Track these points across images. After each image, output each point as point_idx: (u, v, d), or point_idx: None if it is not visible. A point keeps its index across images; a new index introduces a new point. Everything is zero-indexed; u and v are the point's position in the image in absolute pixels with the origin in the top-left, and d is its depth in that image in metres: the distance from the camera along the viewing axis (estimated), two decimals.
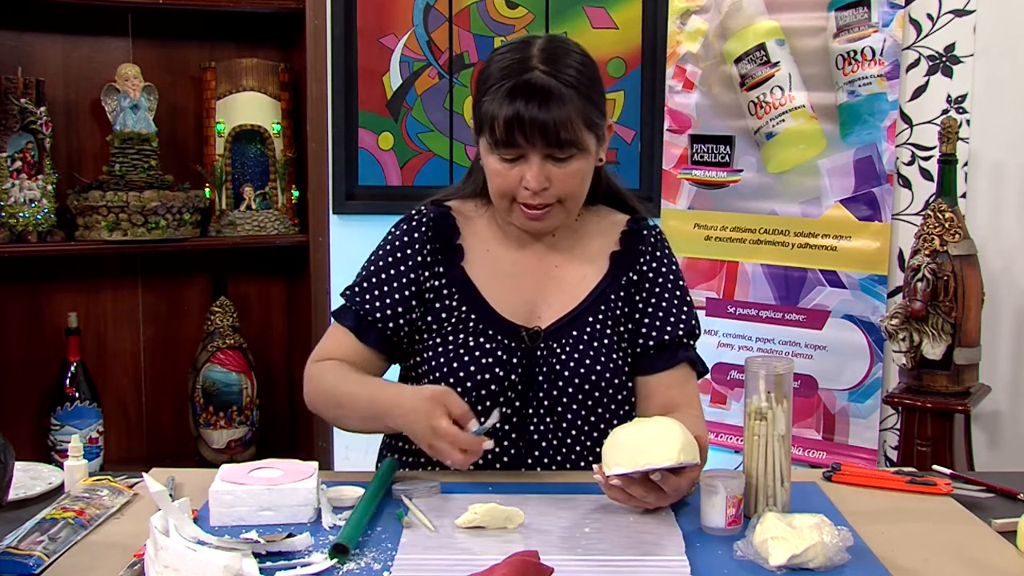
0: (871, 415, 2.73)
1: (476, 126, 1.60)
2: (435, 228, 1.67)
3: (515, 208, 1.59)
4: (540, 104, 1.50)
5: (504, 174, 1.56)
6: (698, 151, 2.93)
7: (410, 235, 1.67)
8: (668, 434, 1.37)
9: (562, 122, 1.51)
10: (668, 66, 2.95)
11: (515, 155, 1.54)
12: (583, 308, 1.65)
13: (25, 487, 1.55)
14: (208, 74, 2.79)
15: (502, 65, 1.55)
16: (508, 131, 1.51)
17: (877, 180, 2.69)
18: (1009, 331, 2.67)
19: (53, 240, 2.62)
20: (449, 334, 1.62)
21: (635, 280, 1.67)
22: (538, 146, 1.52)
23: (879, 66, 2.66)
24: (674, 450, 1.34)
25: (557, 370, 1.61)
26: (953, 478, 1.59)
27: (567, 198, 1.58)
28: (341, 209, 3.04)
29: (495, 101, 1.52)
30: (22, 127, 2.57)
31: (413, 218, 1.70)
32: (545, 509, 1.42)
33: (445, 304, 1.64)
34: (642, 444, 1.36)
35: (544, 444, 1.61)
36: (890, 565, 1.27)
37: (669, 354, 1.66)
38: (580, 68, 1.56)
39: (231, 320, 2.82)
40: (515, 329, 1.62)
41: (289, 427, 3.00)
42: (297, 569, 1.23)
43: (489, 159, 1.57)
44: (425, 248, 1.66)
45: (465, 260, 1.66)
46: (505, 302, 1.64)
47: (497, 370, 1.59)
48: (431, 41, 3.10)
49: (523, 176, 1.54)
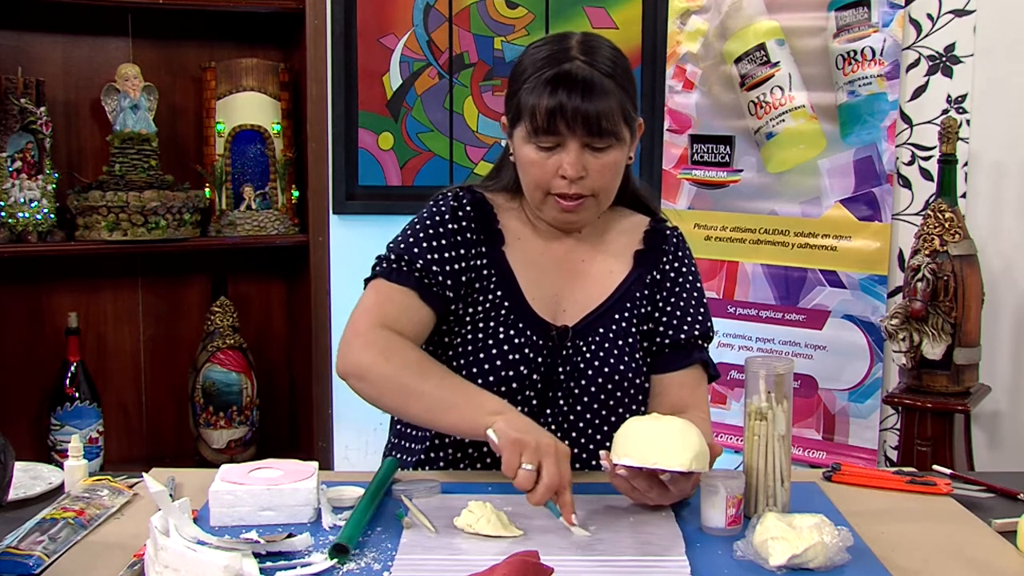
0: (871, 415, 2.73)
1: (512, 117, 1.59)
2: (477, 209, 1.65)
3: (548, 201, 1.59)
4: (583, 93, 1.51)
5: (541, 163, 1.56)
6: (698, 151, 2.93)
7: (454, 212, 1.64)
8: (686, 439, 1.36)
9: (604, 111, 1.52)
10: (668, 66, 2.95)
11: (553, 143, 1.54)
12: (609, 305, 1.65)
13: (25, 487, 1.55)
14: (208, 74, 2.79)
15: (540, 56, 1.56)
16: (550, 118, 1.52)
17: (877, 180, 2.69)
18: (1009, 331, 2.67)
19: (53, 240, 2.62)
20: (481, 320, 1.61)
21: (658, 279, 1.68)
22: (578, 134, 1.52)
23: (879, 66, 2.66)
24: (688, 457, 1.34)
25: (581, 368, 1.61)
26: (953, 478, 1.59)
27: (600, 191, 1.58)
28: (341, 209, 3.04)
29: (535, 90, 1.53)
30: (22, 127, 2.58)
31: (454, 197, 1.66)
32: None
33: (484, 286, 1.62)
34: (658, 442, 1.34)
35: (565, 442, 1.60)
36: (890, 565, 1.27)
37: (684, 354, 1.66)
38: (617, 61, 1.58)
39: (231, 320, 2.82)
40: (544, 325, 1.61)
41: (289, 427, 3.00)
42: (297, 569, 1.23)
43: (525, 149, 1.57)
44: (472, 226, 1.63)
45: (505, 245, 1.65)
46: (536, 292, 1.63)
47: (523, 368, 1.58)
48: (431, 41, 3.10)
49: (560, 166, 1.54)
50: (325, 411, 2.84)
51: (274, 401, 2.97)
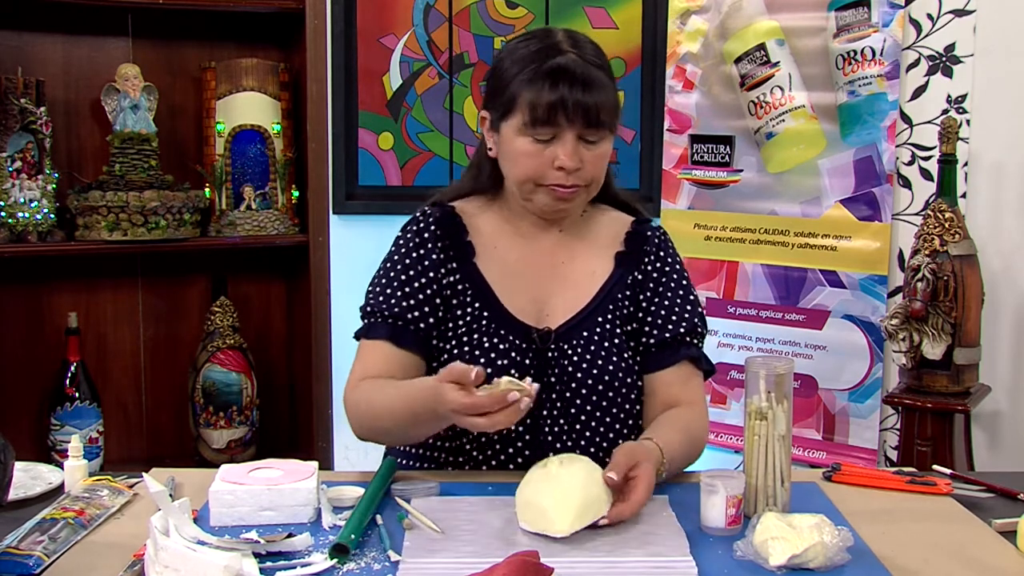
0: (871, 415, 2.73)
1: (500, 111, 1.59)
2: (443, 227, 1.67)
3: (539, 192, 1.59)
4: (583, 85, 1.53)
5: (537, 155, 1.56)
6: (698, 151, 2.93)
7: (421, 236, 1.66)
8: (568, 496, 1.32)
9: (601, 104, 1.54)
10: (668, 66, 2.95)
11: (550, 135, 1.55)
12: (592, 307, 1.65)
13: (25, 487, 1.55)
14: (208, 74, 2.79)
15: (530, 49, 1.57)
16: (551, 111, 1.52)
17: (877, 180, 2.69)
18: (1009, 331, 2.67)
19: (53, 240, 2.62)
20: (463, 334, 1.62)
21: (640, 279, 1.68)
22: (576, 125, 1.54)
23: (879, 66, 2.66)
24: (567, 520, 1.30)
25: (569, 371, 1.61)
26: (953, 478, 1.59)
27: (592, 182, 1.60)
28: (341, 209, 3.04)
29: (533, 82, 1.54)
30: (22, 127, 2.57)
31: (419, 220, 1.69)
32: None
33: (461, 301, 1.63)
34: (544, 503, 1.32)
35: (558, 445, 1.61)
36: (890, 565, 1.27)
37: (671, 351, 1.66)
38: (602, 55, 1.61)
39: (231, 320, 2.82)
40: (526, 329, 1.62)
41: (289, 427, 3.00)
42: (297, 569, 1.23)
43: (518, 141, 1.57)
44: (438, 246, 1.65)
45: (476, 256, 1.66)
46: (515, 300, 1.64)
47: (512, 372, 1.58)
48: (431, 41, 3.10)
49: (555, 157, 1.55)
50: (325, 411, 2.84)
51: (274, 401, 2.97)
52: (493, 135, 1.63)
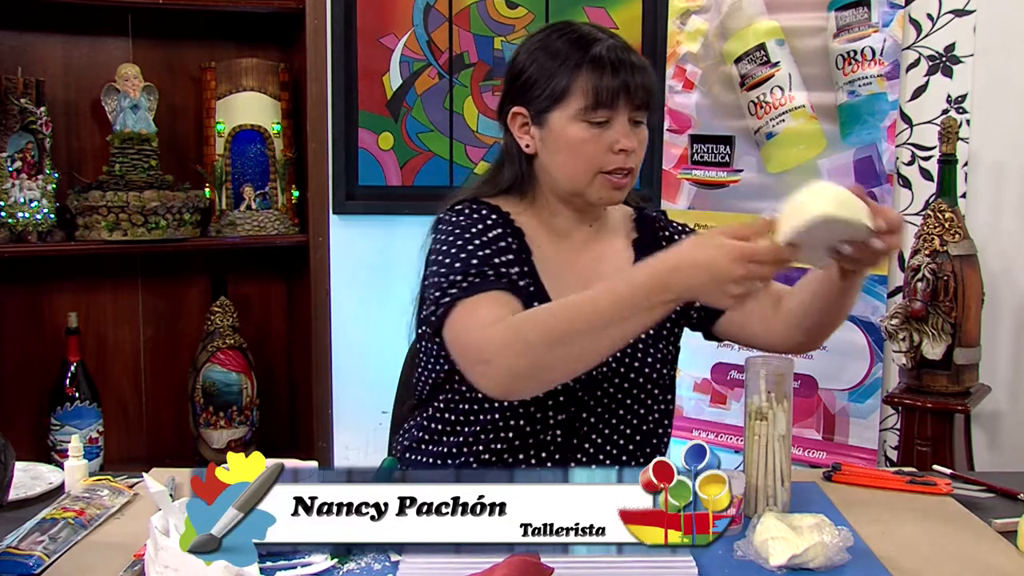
0: (871, 415, 2.73)
1: (547, 102, 1.56)
2: (503, 222, 1.61)
3: (597, 180, 1.57)
4: (633, 68, 1.54)
5: (594, 141, 1.54)
6: (698, 151, 2.93)
7: (484, 222, 1.59)
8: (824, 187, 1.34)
9: (649, 86, 1.56)
10: (668, 66, 2.95)
11: (607, 118, 1.54)
12: None
13: (25, 487, 1.55)
14: (208, 74, 2.79)
15: (569, 39, 1.57)
16: (612, 93, 1.52)
17: (877, 180, 2.68)
18: (1009, 331, 2.67)
19: (53, 240, 2.62)
20: None
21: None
22: (629, 107, 1.54)
23: (879, 66, 2.66)
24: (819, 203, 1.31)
25: (614, 368, 1.59)
26: (953, 478, 1.60)
27: (636, 167, 1.60)
28: (341, 209, 3.04)
29: (588, 68, 1.53)
30: (22, 127, 2.57)
31: (476, 210, 1.60)
32: None
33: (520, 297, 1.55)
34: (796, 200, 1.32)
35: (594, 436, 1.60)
36: (890, 565, 1.27)
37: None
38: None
39: (231, 320, 2.82)
40: None
41: (289, 427, 3.00)
42: (297, 569, 1.23)
43: (573, 128, 1.54)
44: (508, 237, 1.59)
45: (533, 255, 1.62)
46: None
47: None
48: (431, 41, 3.10)
49: (613, 141, 1.54)
50: (325, 411, 2.84)
51: (274, 401, 2.97)
52: (534, 130, 1.59)
